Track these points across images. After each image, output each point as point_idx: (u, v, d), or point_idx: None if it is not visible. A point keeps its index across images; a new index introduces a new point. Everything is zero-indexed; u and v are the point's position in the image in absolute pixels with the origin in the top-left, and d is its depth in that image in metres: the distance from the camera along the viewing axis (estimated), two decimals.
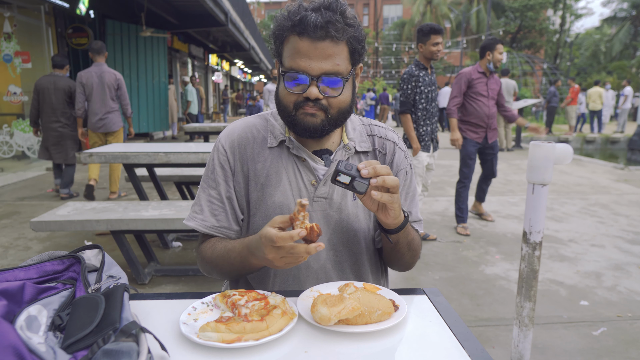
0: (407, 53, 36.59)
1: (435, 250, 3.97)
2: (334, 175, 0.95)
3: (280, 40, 1.09)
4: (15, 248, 3.88)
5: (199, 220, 1.18)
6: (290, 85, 1.07)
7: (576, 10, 36.64)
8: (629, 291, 3.17)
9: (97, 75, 5.20)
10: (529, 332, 1.40)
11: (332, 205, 1.16)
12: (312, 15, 1.01)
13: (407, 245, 1.15)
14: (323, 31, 1.01)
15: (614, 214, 5.21)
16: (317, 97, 1.05)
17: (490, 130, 4.39)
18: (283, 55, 1.08)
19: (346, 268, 1.20)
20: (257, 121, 1.23)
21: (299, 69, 1.04)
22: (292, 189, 1.15)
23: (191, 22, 12.48)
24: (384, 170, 0.96)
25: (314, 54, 1.03)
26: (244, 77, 33.39)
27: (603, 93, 15.57)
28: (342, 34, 1.03)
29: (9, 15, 6.99)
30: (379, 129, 1.26)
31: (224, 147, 1.19)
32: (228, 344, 0.79)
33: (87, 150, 3.54)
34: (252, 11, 32.44)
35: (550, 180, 1.31)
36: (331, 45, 1.03)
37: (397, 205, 1.00)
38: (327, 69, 1.03)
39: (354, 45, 1.07)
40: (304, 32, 1.02)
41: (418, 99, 3.88)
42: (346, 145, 1.18)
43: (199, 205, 1.19)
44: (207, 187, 1.19)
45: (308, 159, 1.16)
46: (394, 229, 1.07)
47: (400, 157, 1.24)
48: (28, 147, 7.30)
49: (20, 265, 0.88)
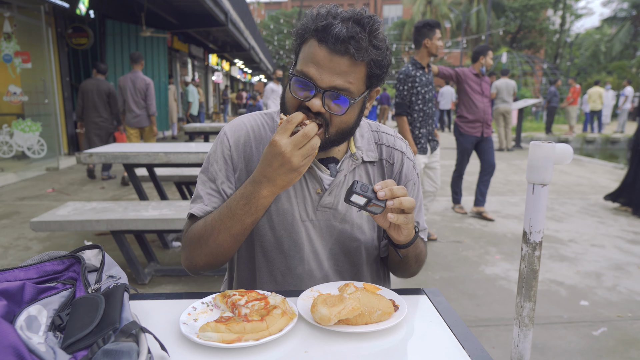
0: (407, 53, 36.56)
1: (435, 250, 3.97)
2: (348, 195, 0.93)
3: (301, 40, 1.03)
4: (15, 248, 3.88)
5: (200, 205, 1.12)
6: (296, 88, 1.02)
7: (576, 10, 36.65)
8: (629, 291, 3.17)
9: (131, 81, 6.30)
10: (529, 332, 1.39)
11: (337, 215, 1.14)
12: (338, 25, 0.95)
13: (415, 257, 1.14)
14: (343, 46, 0.95)
15: (614, 214, 5.21)
16: (318, 110, 0.99)
17: (486, 125, 4.76)
18: (299, 56, 1.04)
19: (347, 278, 1.19)
20: (265, 120, 1.19)
21: (308, 76, 0.99)
22: (297, 196, 1.12)
23: (191, 22, 12.48)
24: (400, 192, 0.94)
25: (328, 66, 0.97)
26: (244, 77, 33.38)
27: (603, 93, 15.57)
28: (362, 54, 0.96)
29: (9, 15, 6.99)
30: (387, 137, 1.22)
31: (229, 141, 1.14)
32: (228, 344, 0.79)
33: (87, 150, 3.54)
34: (252, 11, 32.43)
35: (550, 180, 1.31)
36: (348, 63, 0.97)
37: (411, 224, 0.99)
38: (337, 84, 0.98)
39: (373, 70, 1.01)
40: (324, 40, 0.97)
41: (414, 100, 3.85)
42: (354, 154, 1.15)
43: (199, 197, 1.14)
44: (207, 180, 1.14)
45: (314, 167, 1.12)
46: (404, 244, 1.07)
47: (409, 167, 1.21)
48: (28, 147, 7.30)
49: (20, 265, 0.88)
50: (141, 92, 6.29)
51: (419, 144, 3.92)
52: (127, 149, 3.60)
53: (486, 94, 4.74)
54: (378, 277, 1.26)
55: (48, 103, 7.93)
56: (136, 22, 10.73)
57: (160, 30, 11.36)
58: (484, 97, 4.72)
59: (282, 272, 1.15)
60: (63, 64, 8.81)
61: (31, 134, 7.23)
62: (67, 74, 9.04)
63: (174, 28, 12.40)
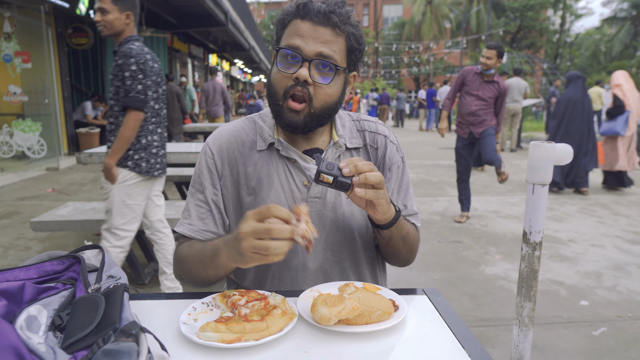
0: (407, 53, 36.57)
1: (435, 250, 3.97)
2: (316, 175, 0.95)
3: (282, 25, 1.09)
4: (15, 248, 3.88)
5: (186, 225, 1.15)
6: (283, 63, 1.06)
7: (576, 10, 36.64)
8: (629, 291, 3.17)
9: (212, 86, 9.53)
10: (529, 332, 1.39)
11: (326, 204, 1.15)
12: (318, 2, 1.04)
13: (401, 239, 1.13)
14: (325, 17, 1.03)
15: (614, 214, 5.21)
16: (305, 78, 1.03)
17: (474, 126, 4.62)
18: (282, 39, 1.08)
19: (346, 267, 1.19)
20: (246, 124, 1.21)
21: (294, 46, 1.03)
22: (285, 191, 1.14)
23: (191, 22, 12.47)
24: (365, 167, 0.95)
25: (313, 35, 1.03)
26: (244, 77, 33.38)
27: (603, 93, 15.58)
28: (343, 25, 1.05)
29: (9, 15, 6.99)
30: (368, 123, 1.24)
31: (212, 150, 1.17)
32: (228, 344, 0.79)
33: (87, 150, 3.54)
34: (252, 11, 32.44)
35: (550, 180, 1.31)
36: (331, 33, 1.04)
37: (384, 200, 0.99)
38: (322, 51, 1.03)
39: (352, 43, 1.07)
40: (306, 15, 1.04)
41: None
42: (336, 142, 1.17)
43: (187, 210, 1.17)
44: (195, 192, 1.17)
45: (298, 160, 1.14)
46: (386, 224, 1.06)
47: (392, 150, 1.22)
48: (28, 147, 7.30)
49: (20, 265, 0.88)
50: (219, 94, 9.35)
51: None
52: None
53: (482, 95, 4.54)
54: (375, 266, 1.26)
55: (48, 103, 7.93)
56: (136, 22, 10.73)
57: (160, 30, 11.36)
58: (478, 100, 4.54)
59: (278, 265, 1.15)
60: (63, 64, 8.81)
61: (31, 134, 7.23)
62: (67, 74, 9.04)
63: (174, 28, 12.39)
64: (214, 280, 1.07)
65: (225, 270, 1.00)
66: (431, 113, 17.64)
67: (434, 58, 35.37)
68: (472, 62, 29.78)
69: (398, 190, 1.23)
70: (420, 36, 35.55)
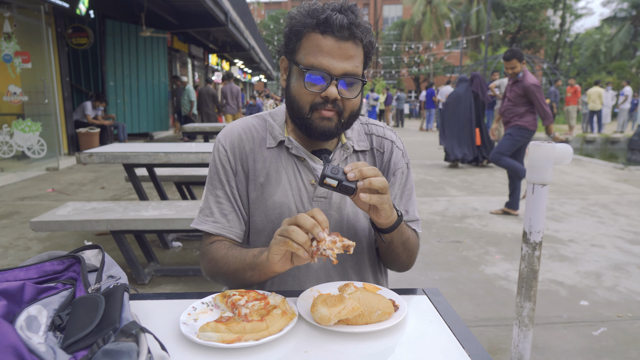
0: (407, 53, 36.58)
1: (435, 250, 3.97)
2: (321, 179, 0.96)
3: (298, 37, 1.07)
4: (15, 248, 3.88)
5: (210, 223, 1.16)
6: (310, 83, 1.06)
7: (576, 10, 36.67)
8: (629, 291, 3.17)
9: (229, 89, 11.11)
10: (529, 332, 1.40)
11: (332, 205, 1.16)
12: (338, 15, 1.02)
13: (401, 244, 1.14)
14: (348, 32, 1.03)
15: (614, 214, 5.21)
16: (336, 97, 1.05)
17: (505, 125, 5.15)
18: (299, 52, 1.07)
19: (348, 268, 1.19)
20: (256, 121, 1.23)
21: (321, 67, 1.03)
22: (292, 188, 1.15)
23: (191, 22, 12.48)
24: (370, 172, 0.96)
25: (337, 53, 1.03)
26: (244, 77, 33.38)
27: (603, 93, 15.58)
28: (364, 36, 1.05)
29: (9, 15, 6.99)
30: (377, 127, 1.26)
31: (224, 146, 1.19)
32: (228, 344, 0.79)
33: (87, 150, 3.54)
34: (252, 11, 32.41)
35: (550, 180, 1.31)
36: (353, 47, 1.05)
37: (388, 205, 1.00)
38: (348, 69, 1.04)
39: (369, 50, 1.09)
40: (328, 30, 1.03)
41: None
42: (344, 144, 1.19)
43: (208, 208, 1.17)
44: (213, 189, 1.18)
45: (307, 159, 1.17)
46: (387, 228, 1.07)
47: (397, 155, 1.24)
48: (28, 147, 7.30)
49: (20, 265, 0.88)
50: (235, 95, 11.09)
51: None
52: (127, 149, 3.60)
53: (509, 96, 5.03)
54: (377, 268, 1.27)
55: (48, 103, 7.93)
56: (136, 22, 10.73)
57: (160, 30, 11.37)
58: (507, 101, 5.05)
59: None
60: (63, 64, 8.81)
61: (31, 134, 7.23)
62: (67, 74, 9.04)
63: (174, 28, 12.40)
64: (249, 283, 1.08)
65: (266, 272, 1.02)
66: (431, 113, 17.63)
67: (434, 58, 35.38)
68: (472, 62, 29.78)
69: (401, 196, 1.24)
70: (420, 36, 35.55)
